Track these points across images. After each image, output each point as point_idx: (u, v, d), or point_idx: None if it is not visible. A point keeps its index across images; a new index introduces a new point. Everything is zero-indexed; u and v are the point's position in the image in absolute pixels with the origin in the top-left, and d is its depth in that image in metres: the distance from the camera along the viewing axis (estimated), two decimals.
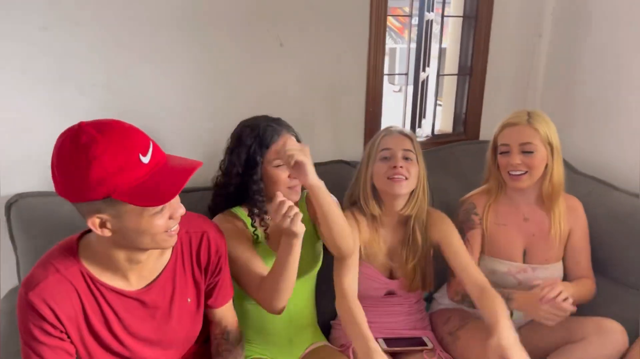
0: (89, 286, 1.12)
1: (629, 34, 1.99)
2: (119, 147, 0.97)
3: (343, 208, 1.57)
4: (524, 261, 1.69)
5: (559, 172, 1.64)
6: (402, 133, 1.60)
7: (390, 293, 1.66)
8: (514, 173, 1.62)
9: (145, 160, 0.99)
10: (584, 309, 1.57)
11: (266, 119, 1.50)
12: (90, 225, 1.02)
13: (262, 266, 1.40)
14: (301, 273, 1.41)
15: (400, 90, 6.35)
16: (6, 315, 1.53)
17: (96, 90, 1.62)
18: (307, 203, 1.55)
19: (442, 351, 1.63)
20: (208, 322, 1.37)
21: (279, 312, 1.38)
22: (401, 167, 1.52)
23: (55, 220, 1.53)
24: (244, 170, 1.44)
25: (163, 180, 1.00)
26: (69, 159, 0.97)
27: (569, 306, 1.46)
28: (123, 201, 0.98)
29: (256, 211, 1.45)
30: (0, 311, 1.57)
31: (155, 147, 1.03)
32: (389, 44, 6.43)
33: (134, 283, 1.17)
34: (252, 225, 1.46)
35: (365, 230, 1.61)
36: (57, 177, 1.00)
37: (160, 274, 1.20)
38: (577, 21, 2.17)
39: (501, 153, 1.65)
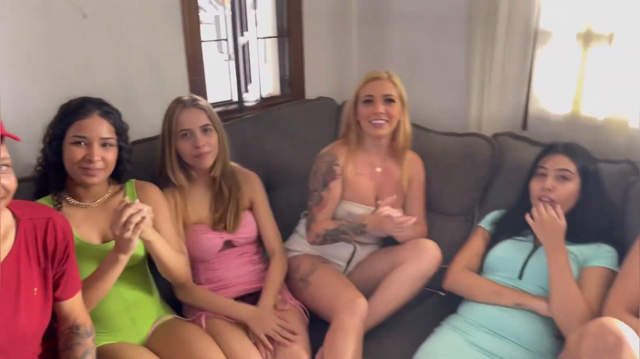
0: None
1: None
2: None
3: (160, 187, 1.64)
4: (376, 206, 1.84)
5: (407, 125, 1.83)
6: (196, 106, 1.65)
7: (226, 244, 1.73)
8: (376, 121, 1.76)
9: None
10: None
11: (84, 99, 1.47)
12: None
13: None
14: (132, 261, 1.42)
15: (230, 59, 6.31)
16: None
17: None
18: (137, 189, 1.58)
19: (292, 298, 1.73)
20: (51, 319, 1.28)
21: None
22: (203, 145, 1.62)
23: None
24: (48, 149, 1.44)
25: None
26: None
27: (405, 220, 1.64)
28: None
29: (57, 197, 1.47)
30: None
31: None
32: (213, 11, 6.29)
33: None
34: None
35: (180, 200, 1.69)
36: None
37: (2, 263, 1.10)
38: None
39: (365, 102, 1.77)
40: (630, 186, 1.66)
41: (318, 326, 1.65)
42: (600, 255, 1.53)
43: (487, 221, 1.79)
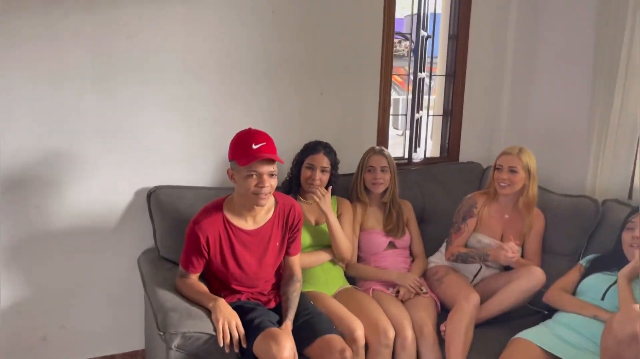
0: (225, 226, 2.01)
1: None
2: (242, 138, 1.97)
3: (351, 201, 2.59)
4: (501, 241, 2.55)
5: (533, 190, 2.51)
6: (381, 153, 2.60)
7: (390, 245, 2.59)
8: (502, 184, 2.51)
9: (255, 146, 1.92)
10: None
11: (317, 142, 2.51)
12: (229, 175, 2.00)
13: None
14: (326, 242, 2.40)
15: (402, 134, 7.31)
16: (146, 264, 2.41)
17: (207, 122, 2.54)
18: (337, 203, 2.57)
19: (430, 291, 2.49)
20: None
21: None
22: (379, 178, 2.56)
23: (178, 204, 2.41)
24: (293, 167, 2.51)
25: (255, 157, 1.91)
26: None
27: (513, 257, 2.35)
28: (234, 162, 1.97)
29: (294, 196, 2.46)
30: (140, 261, 2.45)
31: (266, 144, 1.94)
32: (394, 95, 7.40)
33: (250, 225, 2.06)
34: None
35: (363, 211, 2.61)
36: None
37: (265, 224, 2.09)
38: (530, 74, 3.10)
39: (497, 169, 2.54)
40: None
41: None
42: None
43: (585, 260, 2.38)
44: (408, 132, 3.14)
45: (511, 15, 3.12)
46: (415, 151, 3.20)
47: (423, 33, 3.06)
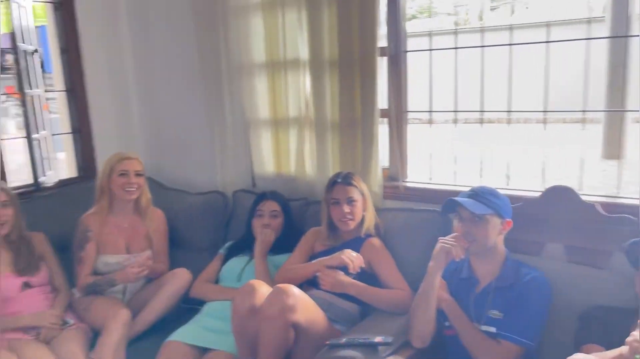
0: None
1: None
2: None
3: None
4: (128, 252, 2.51)
5: (147, 191, 2.58)
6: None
7: (25, 286, 2.31)
8: (128, 189, 2.46)
9: None
10: None
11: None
12: None
13: None
14: None
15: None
16: None
17: None
18: None
19: (79, 322, 2.34)
20: None
21: None
22: (1, 215, 2.28)
23: None
24: None
25: None
26: None
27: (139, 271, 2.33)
28: None
29: None
30: None
31: None
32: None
33: None
34: None
35: None
36: None
37: None
38: (153, 86, 3.16)
39: (120, 175, 2.46)
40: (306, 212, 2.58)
41: None
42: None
43: (224, 248, 2.57)
44: (29, 156, 2.84)
45: (123, 29, 3.13)
46: (45, 174, 2.93)
47: (26, 47, 2.79)
